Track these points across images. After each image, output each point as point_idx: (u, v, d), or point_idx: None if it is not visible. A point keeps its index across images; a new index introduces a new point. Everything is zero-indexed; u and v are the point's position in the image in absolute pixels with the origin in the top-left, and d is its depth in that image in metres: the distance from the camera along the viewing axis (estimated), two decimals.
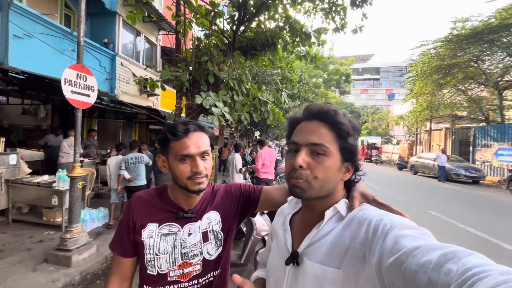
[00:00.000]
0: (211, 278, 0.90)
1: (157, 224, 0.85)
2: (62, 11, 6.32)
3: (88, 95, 3.19)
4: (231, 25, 4.48)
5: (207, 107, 3.57)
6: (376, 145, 24.77)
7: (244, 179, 5.86)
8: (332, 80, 24.66)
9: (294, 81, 9.53)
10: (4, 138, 4.53)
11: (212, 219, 0.91)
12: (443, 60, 14.21)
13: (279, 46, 4.52)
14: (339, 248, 0.56)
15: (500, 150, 12.06)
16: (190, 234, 0.86)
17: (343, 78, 25.18)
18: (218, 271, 0.91)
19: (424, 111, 16.88)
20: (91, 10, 6.63)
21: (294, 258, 0.62)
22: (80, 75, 3.08)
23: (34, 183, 4.05)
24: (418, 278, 0.39)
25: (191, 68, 4.31)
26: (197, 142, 0.82)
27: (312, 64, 5.61)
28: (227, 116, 3.65)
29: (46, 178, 4.28)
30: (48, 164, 5.63)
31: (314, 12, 4.68)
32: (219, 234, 0.91)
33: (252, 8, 4.22)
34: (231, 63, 4.60)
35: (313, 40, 4.37)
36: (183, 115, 4.64)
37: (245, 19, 4.27)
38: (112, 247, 0.89)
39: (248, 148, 11.34)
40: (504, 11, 11.67)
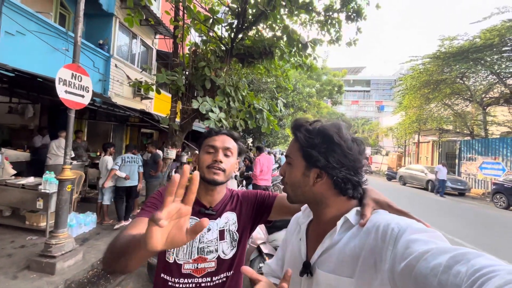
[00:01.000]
0: (224, 279, 0.92)
1: None
2: (57, 10, 6.23)
3: (82, 96, 3.11)
4: (229, 32, 4.53)
5: (204, 112, 3.56)
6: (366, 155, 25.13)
7: (238, 185, 5.83)
8: (325, 90, 25.03)
9: (289, 89, 9.64)
10: None
11: (230, 219, 0.97)
12: (431, 75, 14.72)
13: (276, 55, 4.59)
14: (350, 256, 0.56)
15: (484, 163, 12.46)
16: (209, 230, 0.91)
17: (336, 89, 25.59)
18: (231, 272, 0.94)
19: (413, 124, 17.33)
20: (88, 11, 6.54)
21: (307, 269, 0.62)
22: (75, 75, 3.02)
23: (18, 185, 3.87)
24: (429, 281, 0.40)
25: (187, 73, 4.31)
26: (223, 139, 0.95)
27: (307, 74, 5.72)
28: (223, 122, 3.65)
29: (31, 180, 4.11)
30: (34, 166, 5.43)
31: (310, 24, 4.80)
32: (234, 234, 0.96)
33: (251, 17, 4.29)
34: (227, 69, 4.63)
35: (309, 51, 4.46)
36: (177, 119, 4.60)
37: (243, 27, 4.32)
38: (141, 214, 0.83)
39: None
40: (488, 32, 12.25)
